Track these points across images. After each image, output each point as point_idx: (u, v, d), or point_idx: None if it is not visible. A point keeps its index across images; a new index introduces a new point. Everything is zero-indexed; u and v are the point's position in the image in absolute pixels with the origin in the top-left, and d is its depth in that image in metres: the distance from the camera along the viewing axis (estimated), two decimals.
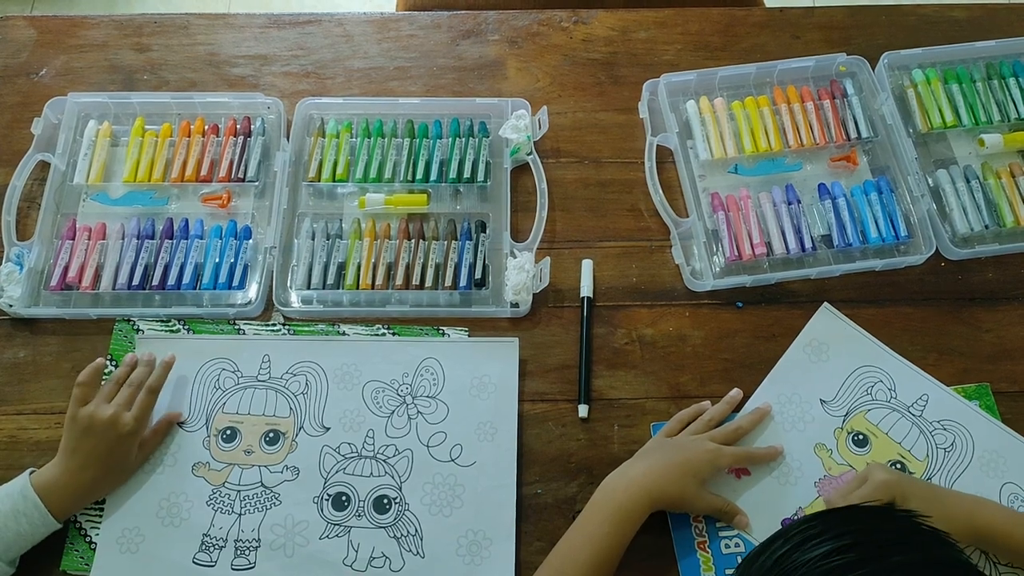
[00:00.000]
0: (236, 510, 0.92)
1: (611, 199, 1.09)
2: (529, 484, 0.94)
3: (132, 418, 0.88)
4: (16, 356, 0.99)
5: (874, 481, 0.83)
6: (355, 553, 0.90)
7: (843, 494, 0.84)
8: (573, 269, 1.04)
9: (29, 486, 0.85)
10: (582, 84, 1.16)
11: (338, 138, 1.09)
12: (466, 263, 1.02)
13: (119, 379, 0.92)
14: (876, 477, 0.83)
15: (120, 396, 0.90)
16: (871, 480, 0.83)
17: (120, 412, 0.88)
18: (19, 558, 0.86)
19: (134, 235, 1.03)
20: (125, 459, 0.89)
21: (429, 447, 0.94)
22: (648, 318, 1.02)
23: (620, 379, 0.99)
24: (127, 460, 0.90)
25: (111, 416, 0.87)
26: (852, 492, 0.83)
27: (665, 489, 0.86)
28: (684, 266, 1.03)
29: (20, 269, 1.00)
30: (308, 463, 0.94)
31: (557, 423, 0.97)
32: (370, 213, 1.06)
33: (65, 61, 1.15)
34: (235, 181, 1.07)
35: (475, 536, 0.90)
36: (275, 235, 1.03)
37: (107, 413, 0.87)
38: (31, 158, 1.06)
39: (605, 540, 0.83)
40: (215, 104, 1.11)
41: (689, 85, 1.13)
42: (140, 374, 0.93)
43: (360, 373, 0.98)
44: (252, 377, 0.98)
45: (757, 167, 1.08)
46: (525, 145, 1.08)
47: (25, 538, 0.85)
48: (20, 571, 0.87)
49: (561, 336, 1.01)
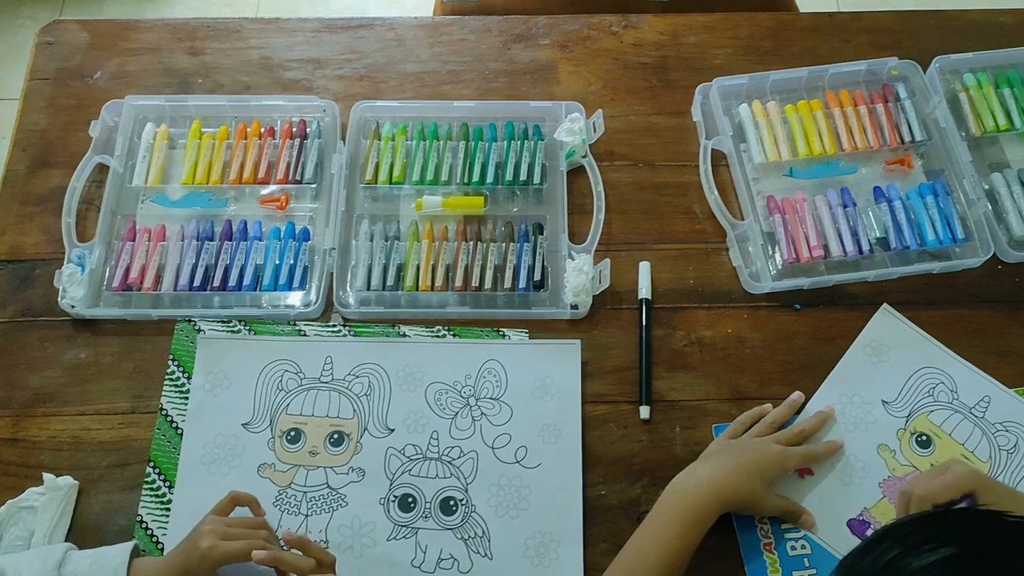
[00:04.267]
0: (303, 511, 0.92)
1: (666, 202, 1.09)
2: (592, 486, 0.94)
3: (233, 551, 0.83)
4: (78, 357, 0.99)
5: (955, 472, 0.83)
6: (423, 555, 0.90)
7: (923, 482, 0.84)
8: (630, 271, 1.05)
9: (124, 570, 0.81)
10: (634, 88, 1.16)
11: (394, 141, 1.09)
12: (524, 265, 1.03)
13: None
14: (957, 469, 0.83)
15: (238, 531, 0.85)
16: (952, 471, 0.83)
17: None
18: None
19: (193, 236, 1.04)
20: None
21: (494, 449, 0.94)
22: (706, 320, 1.02)
23: (680, 381, 0.99)
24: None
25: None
26: (932, 480, 0.83)
27: (734, 490, 0.86)
28: (742, 268, 1.03)
29: (82, 270, 1.00)
30: (373, 465, 0.94)
31: (619, 425, 0.97)
32: (427, 215, 1.06)
33: (119, 64, 1.16)
34: (292, 183, 1.07)
35: (542, 538, 0.90)
36: (333, 237, 1.03)
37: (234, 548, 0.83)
38: (89, 160, 1.06)
39: (675, 541, 0.83)
40: (270, 107, 1.11)
41: (741, 89, 1.13)
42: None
43: (423, 375, 0.98)
44: (315, 378, 0.98)
45: (812, 170, 1.08)
46: (580, 148, 1.09)
47: None
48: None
49: (620, 338, 1.01)
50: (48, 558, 0.82)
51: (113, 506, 0.92)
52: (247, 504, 0.89)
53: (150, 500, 0.92)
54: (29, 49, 1.17)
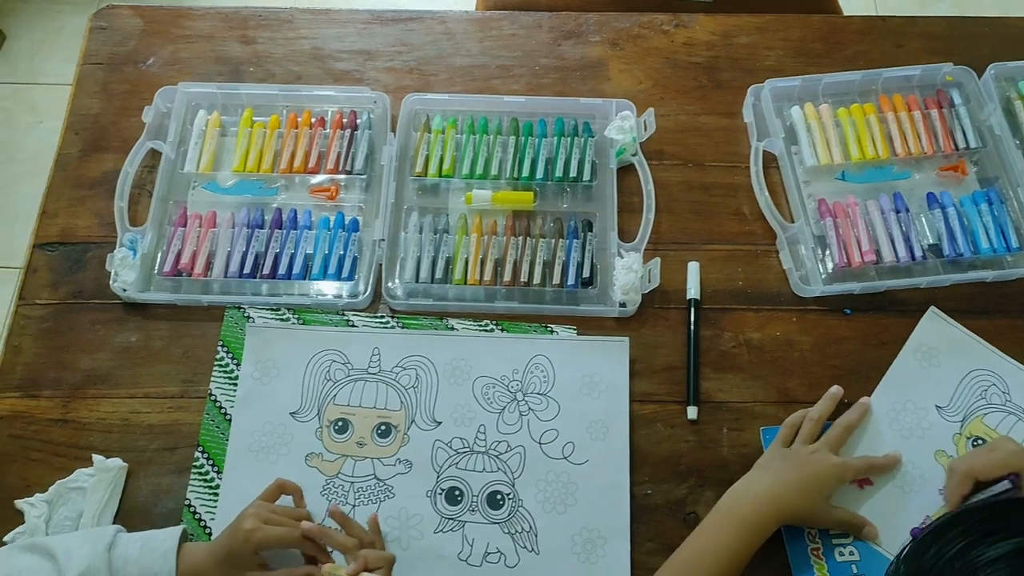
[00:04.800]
0: (350, 501, 0.92)
1: (715, 202, 1.09)
2: (639, 484, 0.94)
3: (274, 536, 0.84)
4: (128, 340, 1.00)
5: (1004, 450, 0.83)
6: (470, 548, 0.90)
7: (970, 458, 0.84)
8: (678, 271, 1.04)
9: (173, 556, 0.81)
10: (684, 87, 1.16)
11: (444, 134, 1.09)
12: (573, 262, 1.02)
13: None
14: (1006, 447, 0.84)
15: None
16: (1000, 449, 0.83)
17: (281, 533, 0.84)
18: None
19: (244, 224, 1.04)
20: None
21: (541, 444, 0.94)
22: (755, 322, 1.02)
23: (728, 382, 0.99)
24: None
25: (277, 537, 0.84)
26: (980, 457, 0.83)
27: (794, 505, 0.86)
28: (793, 271, 1.02)
29: (134, 254, 1.01)
30: (421, 457, 0.94)
31: (666, 424, 0.97)
32: (476, 209, 1.06)
33: (172, 51, 1.16)
34: (342, 174, 1.07)
35: (589, 534, 0.90)
36: (383, 228, 1.03)
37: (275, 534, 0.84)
38: (142, 146, 1.07)
39: (729, 551, 0.83)
40: (321, 97, 1.12)
41: (793, 91, 1.12)
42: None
43: (470, 368, 0.98)
44: (362, 369, 0.98)
45: (865, 174, 1.07)
46: (630, 146, 1.08)
47: None
48: None
49: (668, 337, 1.01)
50: (98, 540, 0.82)
51: (161, 489, 0.93)
52: (292, 493, 0.89)
53: (198, 484, 0.92)
54: (67, 34, 1.18)
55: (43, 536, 0.89)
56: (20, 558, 0.81)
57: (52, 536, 0.88)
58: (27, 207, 2.07)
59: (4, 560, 0.81)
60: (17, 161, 2.13)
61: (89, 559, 0.80)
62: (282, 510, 0.87)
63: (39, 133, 2.16)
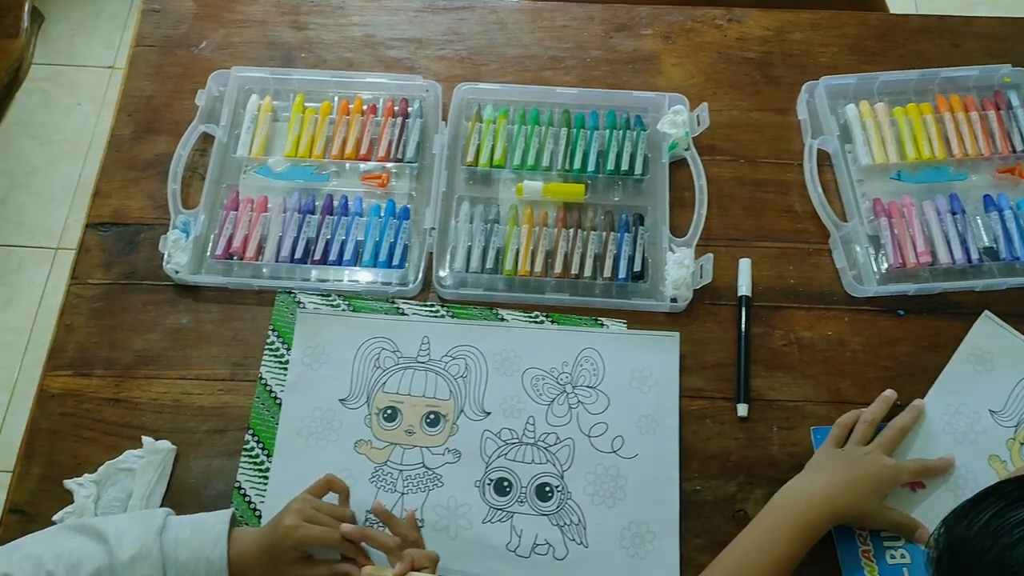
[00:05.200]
0: (399, 489, 0.92)
1: (767, 199, 1.08)
2: (688, 480, 0.93)
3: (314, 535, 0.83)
4: (179, 322, 1.00)
5: None
6: (518, 539, 0.89)
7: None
8: (728, 267, 1.03)
9: (224, 540, 0.81)
10: (737, 82, 1.15)
11: (495, 124, 1.09)
12: (624, 255, 1.02)
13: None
14: None
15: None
16: None
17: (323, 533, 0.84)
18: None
19: (295, 209, 1.04)
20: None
21: (590, 437, 0.94)
22: (806, 321, 1.01)
23: (778, 380, 0.98)
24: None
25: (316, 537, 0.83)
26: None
27: (849, 506, 0.85)
28: (846, 270, 1.01)
29: (186, 237, 1.01)
30: (469, 447, 0.94)
31: (715, 421, 0.96)
32: (527, 200, 1.06)
33: (224, 36, 1.16)
34: (393, 161, 1.07)
35: (638, 529, 0.90)
36: (434, 217, 1.03)
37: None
38: (195, 129, 1.07)
39: (783, 549, 0.82)
40: (373, 84, 1.11)
41: (848, 88, 1.11)
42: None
43: (520, 360, 0.98)
44: (412, 358, 0.98)
45: (920, 175, 1.06)
46: (683, 141, 1.08)
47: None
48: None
49: (718, 333, 1.00)
50: (148, 523, 0.82)
51: (212, 471, 0.93)
52: (339, 491, 0.89)
53: (249, 467, 0.93)
54: (105, 17, 1.18)
55: (92, 517, 0.89)
56: (70, 538, 0.81)
57: (101, 517, 0.88)
58: (64, 188, 2.10)
59: (54, 540, 0.81)
60: (54, 143, 2.14)
61: (141, 542, 0.80)
62: (326, 508, 0.86)
63: (77, 115, 2.18)
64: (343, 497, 0.89)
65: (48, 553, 0.79)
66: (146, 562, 0.79)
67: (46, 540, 0.81)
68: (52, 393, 0.96)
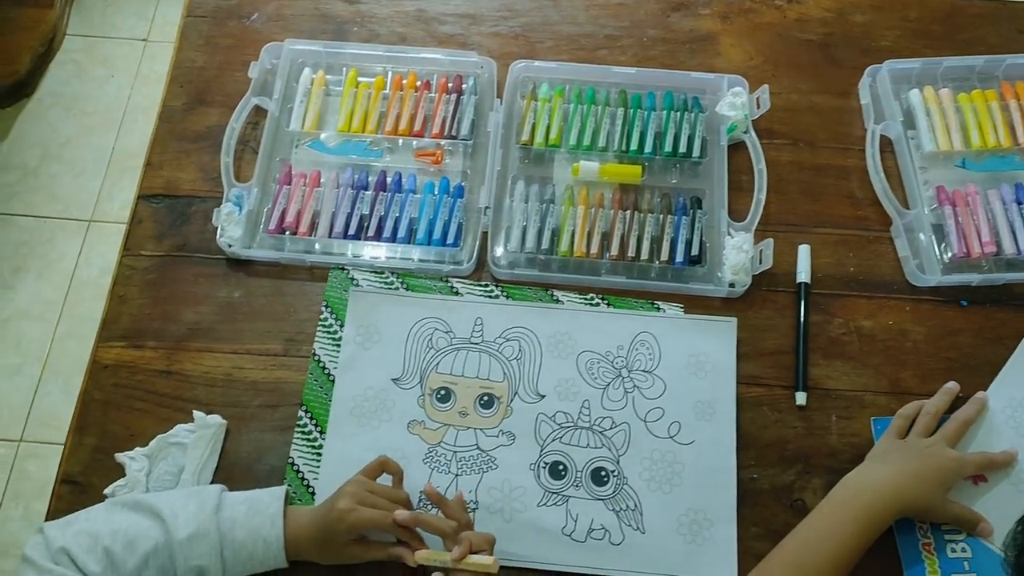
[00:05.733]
0: (452, 470, 0.91)
1: (827, 185, 1.06)
2: (745, 468, 0.92)
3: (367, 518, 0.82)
4: (231, 296, 0.99)
5: None
6: (574, 523, 0.88)
7: None
8: (787, 253, 1.02)
9: (280, 520, 0.81)
10: (797, 64, 1.13)
11: (551, 103, 1.07)
12: (682, 239, 1.00)
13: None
14: None
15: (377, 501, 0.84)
16: None
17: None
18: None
19: (348, 185, 1.03)
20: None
21: (647, 422, 0.93)
22: (866, 309, 0.99)
23: (837, 369, 0.96)
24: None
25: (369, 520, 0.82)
26: None
27: (915, 497, 0.84)
28: (909, 259, 0.99)
29: (239, 210, 1.00)
30: (524, 429, 0.92)
31: (772, 408, 0.95)
32: (583, 181, 1.04)
33: (276, 7, 1.15)
34: (447, 139, 1.06)
35: (695, 516, 0.89)
36: (489, 196, 1.01)
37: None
38: (248, 102, 1.06)
39: (849, 540, 0.81)
40: (427, 60, 1.10)
41: (912, 73, 1.09)
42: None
43: (574, 342, 0.96)
44: (465, 339, 0.97)
45: (986, 163, 1.04)
46: (742, 123, 1.06)
47: (252, 561, 0.81)
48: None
49: (775, 320, 0.99)
50: (204, 501, 0.82)
51: (264, 446, 0.92)
52: (393, 473, 0.87)
53: (302, 444, 0.92)
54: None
55: (144, 492, 0.89)
56: (125, 515, 0.80)
57: (154, 493, 0.87)
58: (97, 160, 2.09)
59: (109, 516, 0.80)
60: (87, 114, 2.14)
61: (197, 521, 0.80)
62: (380, 490, 0.85)
63: (110, 87, 2.17)
64: (397, 479, 0.88)
65: (104, 529, 0.78)
66: (203, 541, 0.79)
67: (100, 516, 0.80)
68: (105, 364, 0.96)
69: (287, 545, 0.81)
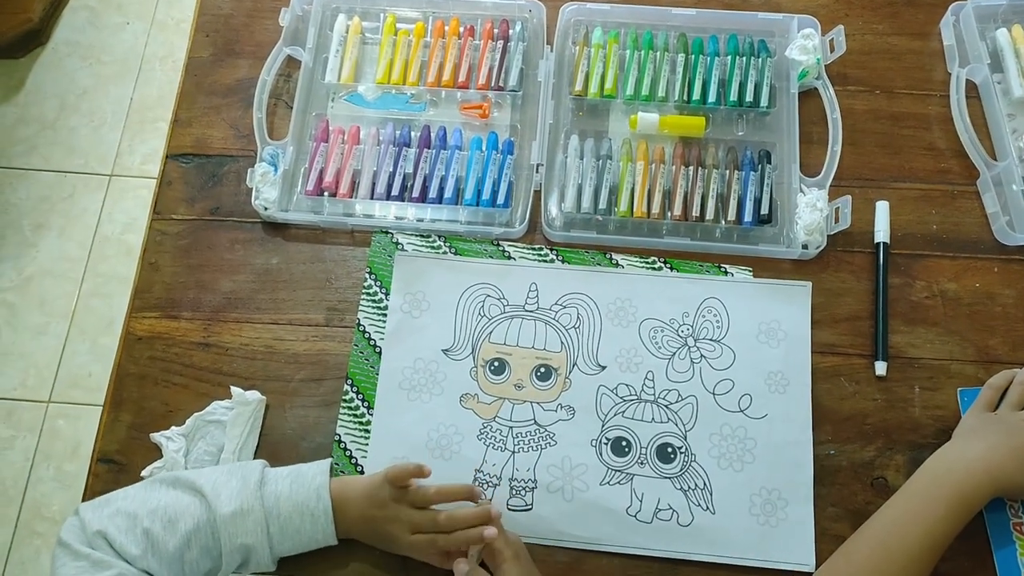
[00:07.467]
0: (509, 447, 0.86)
1: (905, 135, 0.98)
2: (821, 444, 0.86)
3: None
4: (269, 262, 0.93)
5: None
6: (639, 503, 0.83)
7: None
8: (863, 211, 0.94)
9: (327, 494, 0.77)
10: (872, 3, 1.03)
11: (605, 49, 0.99)
12: (750, 196, 0.93)
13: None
14: None
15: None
16: None
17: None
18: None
19: (390, 141, 0.96)
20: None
21: (715, 395, 0.87)
22: (950, 271, 0.92)
23: (920, 336, 0.90)
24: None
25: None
26: None
27: (1012, 476, 0.77)
28: (998, 215, 0.92)
29: (275, 170, 0.93)
30: (584, 403, 0.87)
31: (850, 379, 0.88)
32: (641, 134, 0.96)
33: None
34: (495, 90, 0.98)
35: (769, 495, 0.83)
36: (541, 152, 0.94)
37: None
38: (280, 52, 0.98)
39: (939, 523, 0.75)
40: (470, 3, 1.01)
41: (998, 11, 1.00)
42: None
43: (636, 309, 0.90)
44: (519, 306, 0.91)
45: None
46: (813, 69, 0.97)
47: (300, 537, 0.78)
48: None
49: (851, 284, 0.92)
50: (247, 477, 0.77)
51: (309, 422, 0.87)
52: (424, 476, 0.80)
53: (348, 420, 0.87)
54: None
55: (183, 470, 0.84)
56: (164, 493, 0.76)
57: (194, 470, 0.82)
58: (116, 111, 2.02)
59: (146, 495, 0.76)
60: (103, 63, 2.06)
61: (241, 497, 0.75)
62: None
63: (126, 35, 2.09)
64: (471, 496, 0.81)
65: (143, 509, 0.74)
66: (248, 518, 0.75)
67: (139, 495, 0.76)
68: (139, 336, 0.90)
69: (338, 524, 0.77)
